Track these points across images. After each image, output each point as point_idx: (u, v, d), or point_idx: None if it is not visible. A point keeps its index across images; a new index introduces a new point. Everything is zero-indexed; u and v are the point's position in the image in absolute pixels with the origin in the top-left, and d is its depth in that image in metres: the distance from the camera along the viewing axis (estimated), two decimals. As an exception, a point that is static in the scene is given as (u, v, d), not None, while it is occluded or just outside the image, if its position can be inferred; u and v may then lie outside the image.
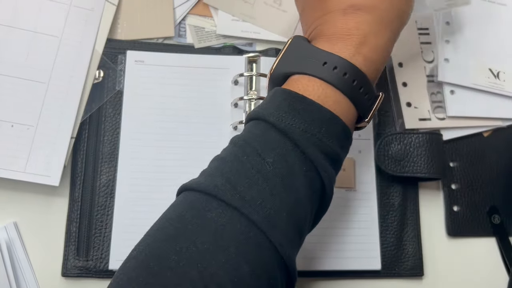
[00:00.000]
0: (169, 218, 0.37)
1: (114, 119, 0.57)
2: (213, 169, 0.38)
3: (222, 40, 0.62)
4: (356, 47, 0.40)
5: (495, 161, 0.61)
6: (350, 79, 0.39)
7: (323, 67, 0.39)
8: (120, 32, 0.60)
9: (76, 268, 0.53)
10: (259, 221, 0.35)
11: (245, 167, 0.37)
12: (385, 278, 0.56)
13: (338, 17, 0.41)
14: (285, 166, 0.37)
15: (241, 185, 0.36)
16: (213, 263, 0.34)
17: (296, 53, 0.41)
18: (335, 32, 0.41)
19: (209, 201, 0.36)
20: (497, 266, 0.58)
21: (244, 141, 0.39)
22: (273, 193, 0.36)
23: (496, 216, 0.59)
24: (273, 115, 0.38)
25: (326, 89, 0.39)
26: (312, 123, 0.38)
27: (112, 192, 0.54)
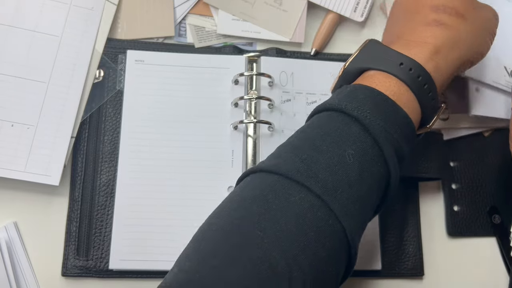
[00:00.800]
0: (248, 197, 0.38)
1: (114, 119, 0.57)
2: (289, 154, 0.39)
3: (222, 39, 0.61)
4: (431, 54, 0.43)
5: (496, 161, 0.60)
6: (422, 82, 0.42)
7: (399, 67, 0.42)
8: (120, 31, 0.60)
9: (76, 267, 0.53)
10: (338, 210, 0.37)
11: (326, 156, 0.38)
12: (385, 278, 0.56)
13: (419, 28, 0.45)
14: (364, 160, 0.39)
15: (323, 173, 0.37)
16: (295, 245, 0.35)
17: (373, 53, 0.44)
18: (413, 39, 0.45)
19: (291, 185, 0.37)
20: (497, 266, 0.58)
21: (322, 131, 0.40)
22: (350, 184, 0.38)
23: (496, 216, 0.59)
24: (357, 110, 0.40)
25: (400, 88, 0.42)
26: (392, 124, 0.40)
27: (112, 191, 0.54)
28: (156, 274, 0.53)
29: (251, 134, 0.57)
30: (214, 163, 0.56)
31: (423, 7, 0.47)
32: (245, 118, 0.57)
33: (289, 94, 0.59)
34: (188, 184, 0.55)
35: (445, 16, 0.45)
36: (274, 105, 0.57)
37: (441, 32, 0.44)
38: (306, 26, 0.62)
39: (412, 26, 0.46)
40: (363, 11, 0.63)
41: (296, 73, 0.59)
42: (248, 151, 0.57)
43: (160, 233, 0.53)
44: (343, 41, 0.63)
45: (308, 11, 0.62)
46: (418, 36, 0.45)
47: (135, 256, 0.53)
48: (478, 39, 0.47)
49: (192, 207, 0.54)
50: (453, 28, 0.45)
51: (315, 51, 0.62)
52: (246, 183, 0.40)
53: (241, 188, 0.40)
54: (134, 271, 0.53)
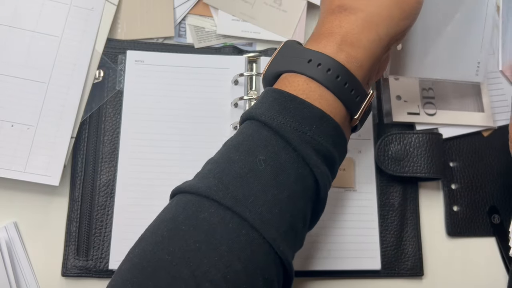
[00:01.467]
0: (162, 220, 0.38)
1: (114, 119, 0.57)
2: (206, 171, 0.39)
3: (222, 40, 0.62)
4: (338, 44, 0.41)
5: (495, 161, 0.61)
6: (334, 75, 0.40)
7: (308, 64, 0.40)
8: (120, 32, 0.60)
9: (76, 268, 0.53)
10: (251, 218, 0.36)
11: (237, 166, 0.38)
12: (385, 278, 0.56)
13: (326, 17, 0.43)
14: (277, 164, 0.38)
15: (233, 184, 0.37)
16: (205, 261, 0.34)
17: (286, 54, 0.43)
18: (321, 32, 0.42)
19: (202, 202, 0.37)
20: (497, 266, 0.58)
21: (237, 141, 0.39)
22: (265, 190, 0.37)
23: (496, 216, 0.59)
24: (265, 115, 0.39)
25: (310, 85, 0.40)
26: (304, 121, 0.39)
27: (112, 192, 0.54)
28: (156, 274, 0.53)
29: (251, 134, 0.57)
30: (214, 163, 0.56)
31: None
32: (245, 118, 0.57)
33: (288, 94, 0.59)
34: (188, 184, 0.55)
35: (349, 0, 0.43)
36: (274, 105, 0.57)
37: (346, 18, 0.42)
38: (306, 26, 0.62)
39: (322, 17, 0.44)
40: (363, 11, 0.63)
41: (295, 73, 0.59)
42: (248, 151, 0.57)
43: (160, 233, 0.53)
44: (343, 41, 0.63)
45: (307, 11, 0.62)
46: (326, 28, 0.42)
47: (135, 256, 0.53)
48: (395, 7, 0.43)
49: (192, 207, 0.54)
50: (358, 9, 0.42)
51: (314, 51, 0.62)
52: (166, 206, 0.39)
53: (161, 212, 0.39)
54: (134, 271, 0.53)
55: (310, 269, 0.54)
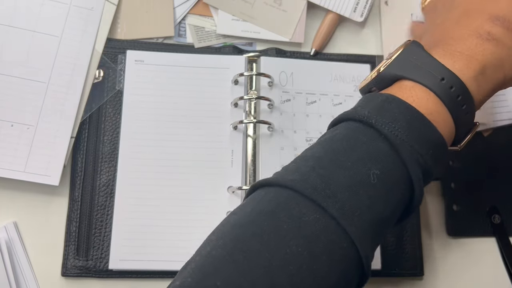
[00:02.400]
0: (260, 212, 0.36)
1: (114, 119, 0.57)
2: (308, 168, 0.37)
3: (222, 39, 0.61)
4: (476, 73, 0.40)
5: (495, 160, 0.60)
6: (461, 103, 0.39)
7: (440, 82, 0.39)
8: (120, 31, 0.60)
9: (76, 267, 0.53)
10: (354, 233, 0.35)
11: (348, 174, 0.36)
12: (385, 278, 0.56)
13: (470, 37, 0.41)
14: (388, 181, 0.37)
15: (342, 192, 0.35)
16: (304, 268, 0.33)
17: (413, 59, 0.40)
18: (460, 50, 0.40)
19: (306, 203, 0.35)
20: (498, 266, 0.58)
21: (347, 145, 0.38)
22: (371, 206, 0.36)
23: (496, 216, 0.59)
24: (388, 127, 0.37)
25: (438, 106, 0.39)
26: (424, 145, 0.37)
27: (112, 192, 0.54)
28: (156, 274, 0.53)
29: (250, 134, 0.57)
30: (213, 163, 0.56)
31: (482, 13, 0.42)
32: (245, 118, 0.57)
33: (288, 94, 0.59)
34: (187, 184, 0.55)
35: (500, 31, 0.41)
36: (273, 105, 0.57)
37: (491, 49, 0.40)
38: (306, 26, 0.62)
39: (463, 33, 0.41)
40: (363, 11, 0.63)
41: (295, 73, 0.59)
42: (248, 151, 0.57)
43: (160, 233, 0.53)
44: (343, 41, 0.63)
45: (307, 11, 0.62)
46: (467, 48, 0.40)
47: (135, 256, 0.53)
48: None
49: (192, 207, 0.54)
50: (504, 45, 0.41)
51: (314, 51, 0.62)
52: (260, 197, 0.37)
53: (253, 202, 0.37)
54: (134, 271, 0.53)
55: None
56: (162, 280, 0.53)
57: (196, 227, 0.54)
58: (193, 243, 0.53)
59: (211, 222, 0.53)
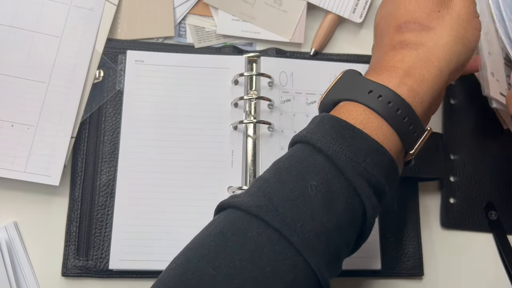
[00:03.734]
0: (210, 234, 0.38)
1: (114, 119, 0.57)
2: (255, 188, 0.39)
3: (222, 40, 0.62)
4: (401, 78, 0.41)
5: (497, 157, 0.61)
6: (394, 108, 0.40)
7: (368, 95, 0.40)
8: (120, 31, 0.60)
9: (76, 267, 0.53)
10: (298, 243, 0.36)
11: (288, 189, 0.38)
12: (385, 278, 0.56)
13: (387, 52, 0.43)
14: (328, 191, 0.38)
15: (283, 206, 0.37)
16: (249, 281, 0.35)
17: (346, 83, 0.43)
18: (382, 65, 0.43)
19: (251, 220, 0.37)
20: (497, 264, 0.58)
21: (288, 163, 0.39)
22: (314, 216, 0.37)
23: (493, 212, 0.59)
24: (320, 141, 0.39)
25: (369, 116, 0.40)
26: (359, 152, 0.38)
27: (112, 191, 0.54)
28: (156, 274, 0.53)
29: (251, 134, 0.57)
30: (214, 163, 0.56)
31: (388, 28, 0.45)
32: (245, 118, 0.57)
33: (288, 94, 0.59)
34: (188, 184, 0.55)
35: (409, 35, 0.43)
36: (274, 105, 0.57)
37: (408, 53, 0.42)
38: (306, 26, 0.62)
39: (382, 51, 0.44)
40: (362, 12, 0.63)
41: (295, 73, 0.59)
42: (248, 151, 0.57)
43: (160, 233, 0.53)
44: (342, 41, 0.64)
45: (307, 11, 0.62)
46: (387, 61, 0.43)
47: (135, 256, 0.53)
48: (456, 41, 0.43)
49: (192, 207, 0.55)
50: (420, 45, 0.42)
51: (314, 51, 0.62)
52: (213, 220, 0.40)
53: (208, 225, 0.40)
54: (134, 271, 0.53)
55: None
56: (162, 280, 0.53)
57: (196, 227, 0.54)
58: (194, 243, 0.54)
59: (211, 222, 0.54)
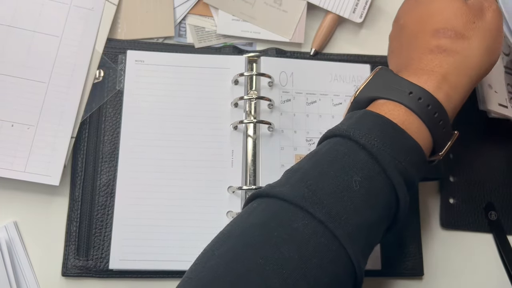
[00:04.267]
0: (253, 223, 0.38)
1: (114, 119, 0.57)
2: (297, 180, 0.40)
3: (222, 40, 0.62)
4: (439, 82, 0.43)
5: (496, 158, 0.60)
6: (432, 111, 0.42)
7: (408, 96, 0.42)
8: (120, 31, 0.60)
9: (76, 267, 0.53)
10: (342, 236, 0.37)
11: (332, 182, 0.39)
12: (385, 278, 0.56)
13: (424, 55, 0.45)
14: (371, 187, 0.39)
15: (327, 199, 0.38)
16: (296, 272, 0.35)
17: (383, 81, 0.44)
18: (420, 67, 0.45)
19: (295, 211, 0.38)
20: (496, 264, 0.58)
21: (330, 157, 0.40)
22: (357, 211, 0.38)
23: (493, 212, 0.59)
24: (365, 137, 0.40)
25: (409, 116, 0.42)
26: (401, 151, 0.40)
27: (112, 191, 0.54)
28: (156, 274, 0.53)
29: (251, 134, 0.57)
30: (214, 163, 0.56)
31: (424, 32, 0.46)
32: (245, 118, 0.57)
33: (289, 94, 0.59)
34: (188, 184, 0.55)
35: (446, 41, 0.45)
36: (274, 105, 0.57)
37: (445, 59, 0.44)
38: (306, 26, 0.62)
39: (418, 53, 0.46)
40: (362, 12, 0.63)
41: (295, 73, 0.59)
42: (248, 151, 0.57)
43: (160, 233, 0.53)
44: (342, 41, 0.64)
45: (307, 11, 0.62)
46: (425, 65, 0.45)
47: (135, 256, 0.53)
48: (486, 53, 0.46)
49: (192, 207, 0.55)
50: (456, 53, 0.45)
51: (314, 51, 0.62)
52: (252, 209, 0.40)
53: (247, 214, 0.40)
54: (134, 271, 0.53)
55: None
56: (162, 280, 0.53)
57: (196, 227, 0.54)
58: (193, 243, 0.54)
59: (211, 222, 0.54)
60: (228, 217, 0.54)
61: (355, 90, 0.46)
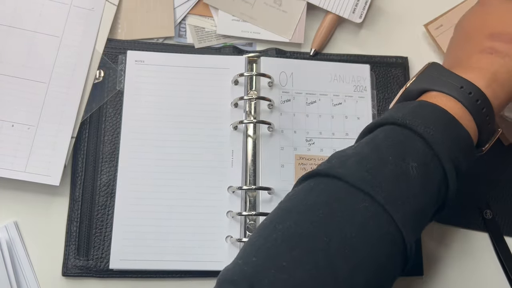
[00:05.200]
0: (315, 202, 0.39)
1: (114, 119, 0.57)
2: (353, 162, 0.41)
3: (222, 40, 0.62)
4: (489, 80, 0.45)
5: (495, 157, 0.60)
6: (481, 106, 0.44)
7: (460, 90, 0.44)
8: (120, 32, 0.60)
9: (77, 267, 0.53)
10: (399, 220, 0.39)
11: (390, 167, 0.40)
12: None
13: (475, 53, 0.48)
14: (426, 174, 0.41)
15: (386, 182, 0.39)
16: (359, 254, 0.37)
17: (435, 74, 0.46)
18: (470, 64, 0.47)
19: (356, 193, 0.39)
20: (495, 263, 0.58)
21: (386, 143, 0.42)
22: (414, 195, 0.40)
23: (488, 211, 0.59)
24: (422, 126, 0.42)
25: (460, 109, 0.44)
26: (454, 142, 0.42)
27: (112, 191, 0.55)
28: (156, 274, 0.53)
29: (251, 134, 0.57)
30: (214, 163, 0.56)
31: (480, 34, 0.49)
32: (245, 118, 0.57)
33: (288, 94, 0.59)
34: (188, 184, 0.55)
35: (500, 44, 0.47)
36: (273, 105, 0.58)
37: (496, 60, 0.46)
38: (306, 26, 0.62)
39: (469, 51, 0.48)
40: (362, 12, 0.63)
41: (295, 73, 0.60)
42: (248, 151, 0.57)
43: (160, 233, 0.53)
44: (342, 41, 0.64)
45: (307, 11, 0.62)
46: (474, 62, 0.47)
47: (135, 256, 0.53)
48: None
49: (192, 207, 0.55)
50: (507, 56, 0.46)
51: (314, 51, 0.62)
52: (310, 187, 0.41)
53: (306, 191, 0.41)
54: (134, 271, 0.53)
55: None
56: (162, 280, 0.53)
57: (196, 227, 0.54)
58: (194, 243, 0.54)
59: (211, 222, 0.54)
60: (228, 217, 0.54)
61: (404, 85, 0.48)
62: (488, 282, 0.58)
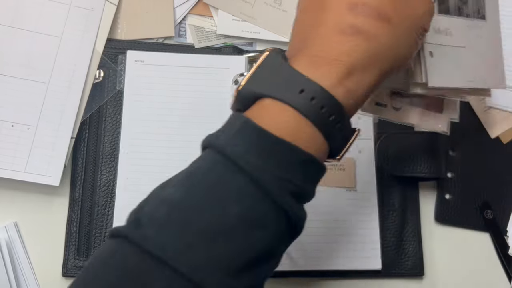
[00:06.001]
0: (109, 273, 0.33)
1: (114, 119, 0.57)
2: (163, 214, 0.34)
3: (222, 40, 0.62)
4: (341, 76, 0.34)
5: (495, 158, 0.60)
6: (327, 114, 0.34)
7: (299, 95, 0.34)
8: (120, 32, 0.60)
9: (77, 268, 0.53)
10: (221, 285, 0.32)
11: (205, 220, 0.33)
12: (385, 278, 0.56)
13: (333, 37, 0.35)
14: (252, 219, 0.33)
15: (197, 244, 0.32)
16: None
17: (271, 72, 0.36)
18: (323, 54, 0.35)
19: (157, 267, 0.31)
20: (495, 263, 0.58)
21: (206, 184, 0.34)
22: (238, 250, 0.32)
23: (489, 211, 0.59)
24: (243, 158, 0.33)
25: (300, 122, 0.34)
26: (289, 168, 0.34)
27: (112, 192, 0.54)
28: (156, 274, 0.53)
29: (251, 134, 0.57)
30: (214, 163, 0.56)
31: (338, 2, 0.36)
32: (245, 118, 0.57)
33: (289, 94, 0.59)
34: (188, 184, 0.55)
35: (365, 20, 0.35)
36: (274, 105, 0.57)
37: (358, 45, 0.35)
38: (306, 26, 0.62)
39: (323, 32, 0.35)
40: (363, 11, 0.63)
41: (296, 73, 0.59)
42: (248, 151, 0.57)
43: (160, 233, 0.53)
44: (343, 41, 0.63)
45: (307, 11, 0.62)
46: (328, 50, 0.35)
47: (135, 256, 0.53)
48: (404, 44, 0.37)
49: (192, 207, 0.54)
50: (373, 38, 0.35)
51: (314, 51, 0.61)
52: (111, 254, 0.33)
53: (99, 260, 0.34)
54: (134, 271, 0.53)
55: (310, 269, 0.54)
56: (162, 280, 0.53)
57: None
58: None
59: (211, 222, 0.54)
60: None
61: None
62: (488, 282, 0.58)
